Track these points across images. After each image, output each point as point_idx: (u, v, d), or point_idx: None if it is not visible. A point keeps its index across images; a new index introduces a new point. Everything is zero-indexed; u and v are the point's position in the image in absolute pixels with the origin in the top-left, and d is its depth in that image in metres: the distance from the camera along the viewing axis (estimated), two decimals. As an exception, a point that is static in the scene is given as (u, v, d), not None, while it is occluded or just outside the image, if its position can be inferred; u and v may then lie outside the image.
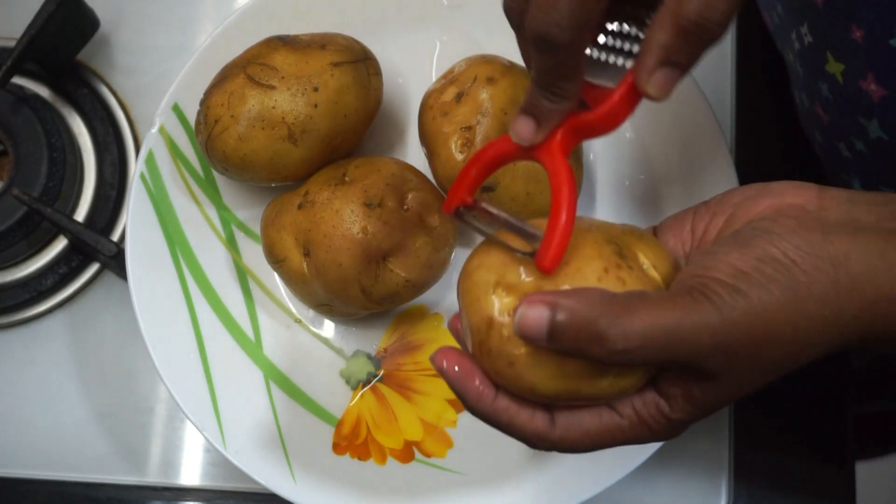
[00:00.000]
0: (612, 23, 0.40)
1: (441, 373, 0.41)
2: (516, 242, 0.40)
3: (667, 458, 0.61)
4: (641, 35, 0.39)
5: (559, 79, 0.39)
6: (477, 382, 0.40)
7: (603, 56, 0.40)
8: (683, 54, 0.37)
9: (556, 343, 0.36)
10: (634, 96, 0.39)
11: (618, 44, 0.40)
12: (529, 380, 0.38)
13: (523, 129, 0.41)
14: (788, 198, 0.39)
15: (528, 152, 0.41)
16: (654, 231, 0.43)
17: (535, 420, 0.40)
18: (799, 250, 0.36)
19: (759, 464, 0.62)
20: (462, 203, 0.43)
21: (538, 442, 0.40)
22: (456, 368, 0.40)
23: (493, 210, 0.42)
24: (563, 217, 0.38)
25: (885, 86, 0.46)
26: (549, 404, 0.40)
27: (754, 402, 0.39)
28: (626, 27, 0.40)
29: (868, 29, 0.46)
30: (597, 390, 0.38)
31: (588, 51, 0.40)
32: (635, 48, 0.40)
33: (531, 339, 0.37)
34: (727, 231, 0.40)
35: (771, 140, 0.65)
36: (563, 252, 0.38)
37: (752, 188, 0.41)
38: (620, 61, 0.40)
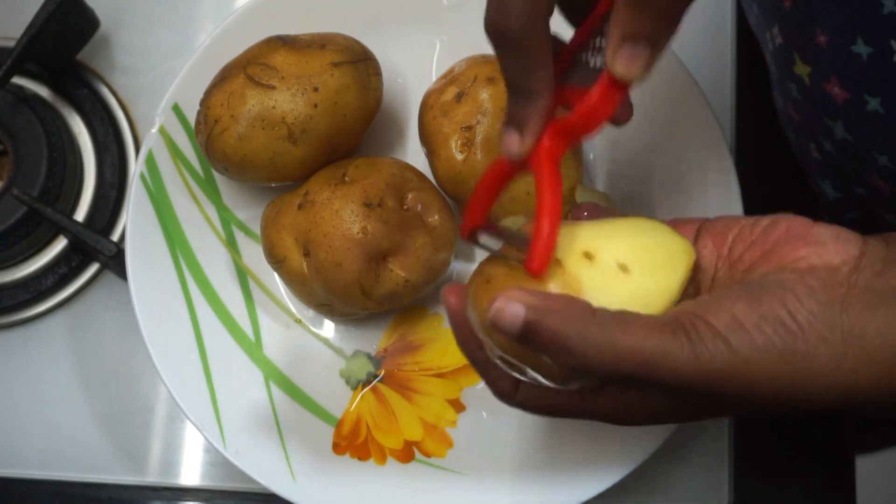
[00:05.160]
0: (603, 25, 0.40)
1: (446, 305, 0.43)
2: (516, 254, 0.41)
3: (667, 458, 0.60)
4: None
5: (523, 72, 0.39)
6: (472, 329, 0.42)
7: (594, 59, 0.40)
8: (642, 25, 0.37)
9: (526, 342, 0.37)
10: (613, 89, 0.38)
11: (602, 44, 0.40)
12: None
13: (508, 142, 0.41)
14: (827, 255, 0.38)
15: (523, 166, 0.41)
16: (700, 227, 0.43)
17: (502, 380, 0.43)
18: (810, 316, 0.36)
19: (760, 467, 0.62)
20: (476, 226, 0.44)
21: (500, 397, 0.44)
22: (453, 302, 0.42)
23: (497, 227, 0.44)
24: (546, 223, 0.38)
25: (847, 89, 0.47)
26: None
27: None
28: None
29: (831, 34, 0.46)
30: (569, 383, 0.40)
31: (584, 58, 0.41)
32: None
33: (504, 332, 0.37)
34: (759, 268, 0.39)
35: (771, 140, 0.65)
36: (549, 256, 0.38)
37: (797, 223, 0.40)
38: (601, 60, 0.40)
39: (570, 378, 0.39)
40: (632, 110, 0.43)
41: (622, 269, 0.40)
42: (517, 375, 0.42)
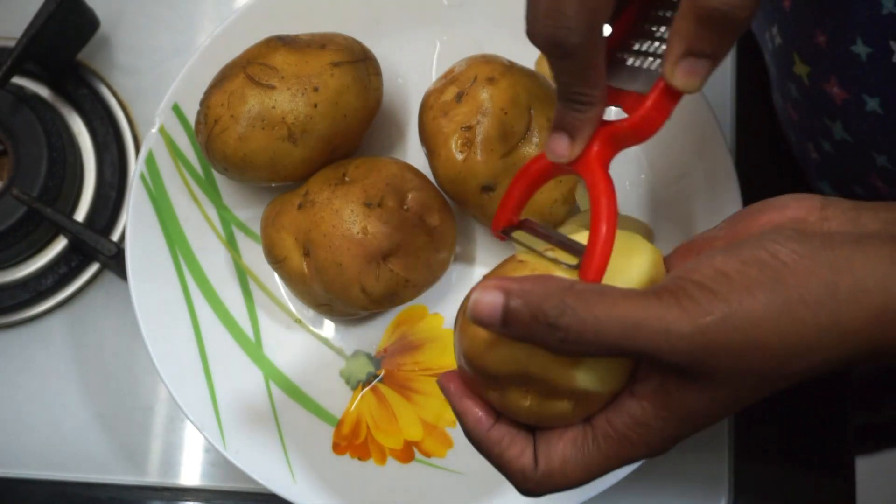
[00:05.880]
0: (642, 26, 0.40)
1: (445, 393, 0.40)
2: (562, 256, 0.40)
3: (667, 457, 0.60)
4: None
5: (580, 84, 0.38)
6: (478, 410, 0.40)
7: (637, 62, 0.40)
8: (708, 43, 0.36)
9: (509, 329, 0.35)
10: (668, 98, 0.38)
11: (650, 47, 0.40)
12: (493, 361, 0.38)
13: (557, 146, 0.40)
14: (790, 211, 0.38)
15: (567, 167, 0.41)
16: (667, 259, 0.42)
17: (523, 457, 0.39)
18: (793, 253, 0.34)
19: (760, 465, 0.62)
20: (509, 223, 0.44)
21: (522, 480, 0.39)
22: (453, 388, 0.40)
23: (539, 227, 0.43)
24: (604, 229, 0.38)
25: (846, 89, 0.47)
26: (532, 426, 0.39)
27: (754, 409, 0.38)
28: (657, 29, 0.39)
29: (830, 35, 0.46)
30: (572, 384, 0.38)
31: (626, 59, 0.40)
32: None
33: (485, 324, 0.36)
34: None
35: (770, 140, 0.65)
36: (606, 262, 0.37)
37: (754, 205, 0.40)
38: (655, 65, 0.39)
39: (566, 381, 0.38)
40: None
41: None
42: (526, 425, 0.40)
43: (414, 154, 0.62)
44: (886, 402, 0.93)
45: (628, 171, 0.62)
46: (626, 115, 0.39)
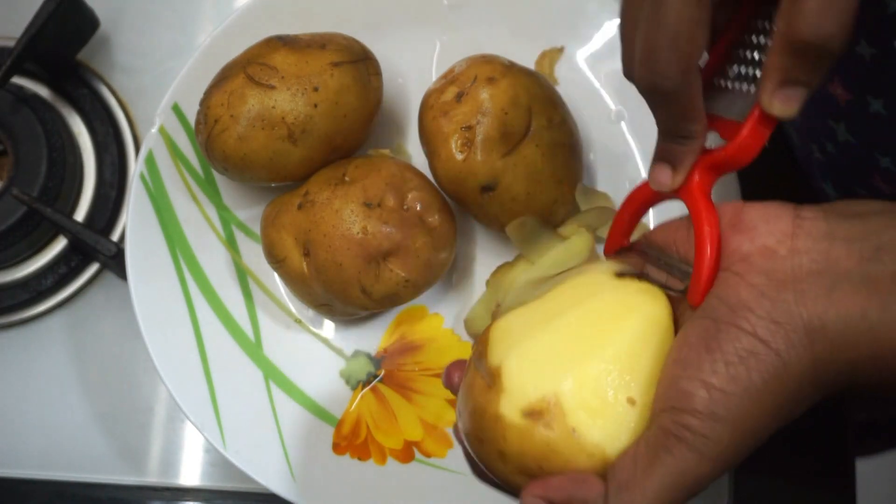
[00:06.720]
0: (737, 52, 0.40)
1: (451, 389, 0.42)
2: (668, 279, 0.42)
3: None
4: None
5: (681, 122, 0.39)
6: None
7: (734, 86, 0.41)
8: (803, 72, 0.36)
9: None
10: (765, 125, 0.39)
11: (746, 71, 0.40)
12: None
13: (660, 177, 0.41)
14: (760, 238, 0.38)
15: (671, 193, 0.42)
16: (644, 241, 0.43)
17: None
18: (771, 325, 0.36)
19: (760, 467, 0.62)
20: (620, 246, 0.45)
21: None
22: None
23: (647, 248, 0.44)
24: (708, 254, 0.39)
25: (850, 91, 0.47)
26: None
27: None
28: (752, 55, 0.40)
29: None
30: None
31: (723, 84, 0.41)
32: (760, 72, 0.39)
33: None
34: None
35: (772, 140, 0.65)
36: (711, 286, 0.39)
37: (727, 209, 0.40)
38: (751, 90, 0.40)
39: None
40: None
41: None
42: None
43: (414, 154, 0.62)
44: (886, 402, 0.93)
45: (629, 171, 0.62)
46: (722, 142, 0.40)
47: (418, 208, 0.56)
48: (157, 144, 0.60)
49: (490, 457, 0.39)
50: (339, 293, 0.55)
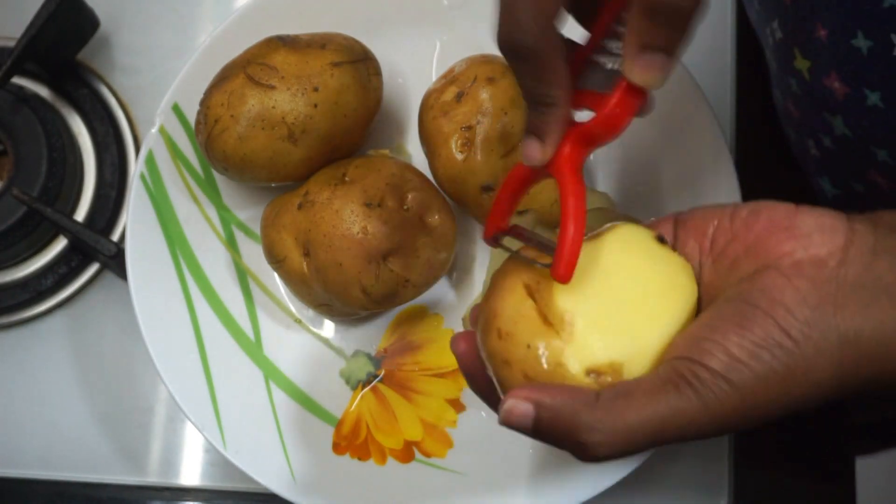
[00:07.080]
0: (616, 29, 0.41)
1: (456, 355, 0.42)
2: (541, 257, 0.41)
3: (667, 457, 0.61)
4: None
5: (542, 86, 0.39)
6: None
7: (612, 62, 0.41)
8: (659, 36, 0.37)
9: (540, 438, 0.38)
10: (632, 95, 0.39)
11: (621, 49, 0.40)
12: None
13: (529, 150, 0.41)
14: (813, 247, 0.38)
15: (544, 172, 0.42)
16: (677, 222, 0.43)
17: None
18: (805, 327, 0.36)
19: (760, 466, 0.62)
20: (498, 230, 0.45)
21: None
22: (463, 348, 0.42)
23: (525, 231, 0.44)
24: (571, 229, 0.39)
25: (847, 84, 0.47)
26: None
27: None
28: (625, 31, 0.40)
29: (831, 29, 0.46)
30: None
31: (604, 63, 0.41)
32: None
33: (517, 430, 0.38)
34: (744, 264, 0.39)
35: (771, 139, 0.65)
36: (575, 262, 0.39)
37: (779, 212, 0.40)
38: (620, 64, 0.40)
39: None
40: (653, 104, 0.43)
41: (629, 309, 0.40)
42: None
43: (414, 154, 0.62)
44: (886, 402, 0.93)
45: (629, 170, 0.62)
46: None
47: (418, 208, 0.56)
48: (157, 144, 0.60)
49: (512, 379, 0.39)
50: (339, 293, 0.55)
